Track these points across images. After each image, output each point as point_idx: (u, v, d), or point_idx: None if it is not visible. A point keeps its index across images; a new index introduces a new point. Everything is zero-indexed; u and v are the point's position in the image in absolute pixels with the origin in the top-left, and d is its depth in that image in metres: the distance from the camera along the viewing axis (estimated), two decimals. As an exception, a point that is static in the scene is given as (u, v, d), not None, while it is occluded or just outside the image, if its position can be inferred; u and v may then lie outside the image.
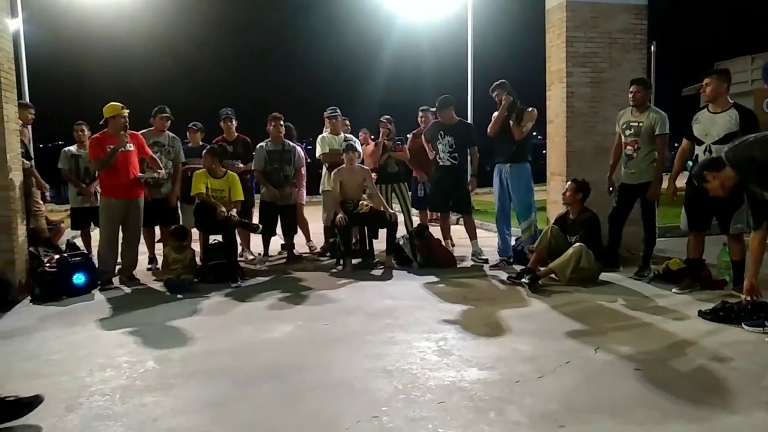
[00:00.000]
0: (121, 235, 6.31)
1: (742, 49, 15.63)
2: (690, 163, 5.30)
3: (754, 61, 14.08)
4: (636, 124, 5.82)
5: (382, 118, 7.88)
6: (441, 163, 7.05)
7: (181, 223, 6.97)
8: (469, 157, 7.25)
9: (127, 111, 6.14)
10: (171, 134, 7.02)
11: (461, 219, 7.81)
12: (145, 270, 6.79)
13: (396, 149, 7.69)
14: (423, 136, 7.55)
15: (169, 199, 6.80)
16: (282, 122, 7.20)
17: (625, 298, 5.12)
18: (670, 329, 4.21)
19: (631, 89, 5.87)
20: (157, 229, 7.17)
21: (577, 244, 5.62)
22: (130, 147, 6.15)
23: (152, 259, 7.05)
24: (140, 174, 6.30)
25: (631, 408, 2.91)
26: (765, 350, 3.72)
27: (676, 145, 5.56)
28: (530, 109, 6.51)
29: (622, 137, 5.93)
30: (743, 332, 4.08)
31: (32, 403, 2.98)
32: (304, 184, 8.03)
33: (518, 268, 6.28)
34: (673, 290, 5.26)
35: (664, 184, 5.87)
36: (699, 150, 5.10)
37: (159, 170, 6.49)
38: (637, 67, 7.11)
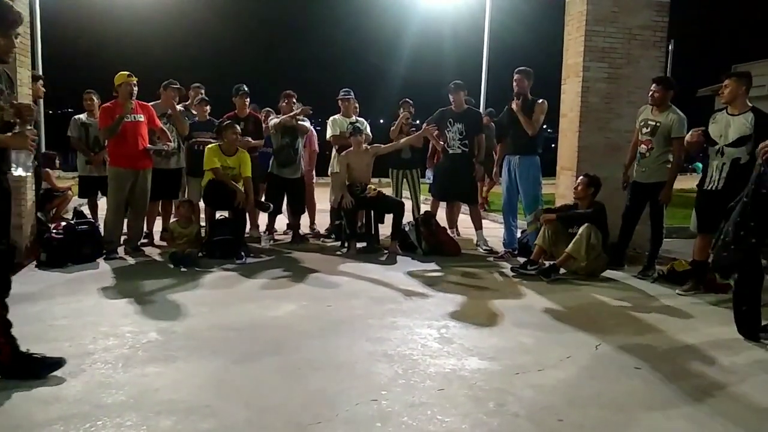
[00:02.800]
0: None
1: (763, 52, 15.39)
2: (699, 165, 5.25)
3: (774, 65, 13.91)
4: (654, 123, 5.76)
5: (403, 100, 7.83)
6: (451, 151, 6.99)
7: (186, 196, 6.98)
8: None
9: (135, 79, 6.12)
10: (180, 107, 7.01)
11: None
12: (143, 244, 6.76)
13: (411, 134, 7.63)
14: (426, 124, 7.34)
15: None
16: (295, 100, 7.19)
17: (629, 297, 5.11)
18: (672, 329, 4.20)
19: (652, 88, 5.77)
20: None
21: (585, 224, 5.68)
22: (140, 117, 6.14)
23: (148, 235, 6.93)
24: (149, 146, 6.29)
25: (631, 405, 2.91)
26: (766, 351, 3.71)
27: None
28: (540, 101, 6.46)
29: (639, 135, 5.88)
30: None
31: (55, 365, 3.05)
32: (313, 163, 8.02)
33: (522, 260, 6.30)
34: (677, 291, 5.25)
35: (678, 185, 5.80)
36: (711, 151, 5.04)
37: (168, 143, 6.48)
38: (656, 64, 7.02)
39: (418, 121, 7.90)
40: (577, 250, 5.62)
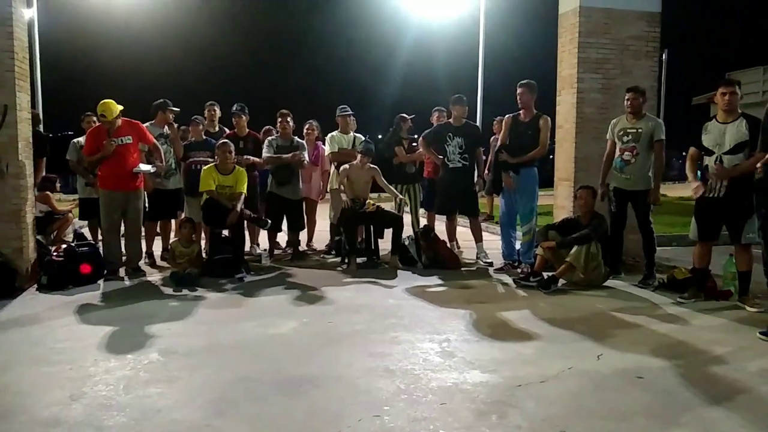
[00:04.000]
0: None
1: (753, 59, 15.55)
2: (699, 173, 5.28)
3: (766, 72, 14.00)
4: (634, 130, 5.85)
5: (402, 115, 7.84)
6: (451, 166, 6.99)
7: (184, 216, 7.01)
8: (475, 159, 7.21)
9: (114, 114, 5.99)
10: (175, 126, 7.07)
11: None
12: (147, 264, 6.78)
13: (413, 150, 7.67)
14: (422, 139, 7.38)
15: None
16: (290, 118, 7.23)
17: (630, 306, 5.11)
18: (673, 338, 4.20)
19: (627, 97, 5.91)
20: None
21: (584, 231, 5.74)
22: (129, 140, 6.11)
23: (149, 255, 6.94)
24: (135, 169, 6.18)
25: (633, 415, 2.91)
26: (769, 362, 3.71)
27: (684, 154, 5.54)
28: (544, 117, 6.46)
29: (618, 144, 5.95)
30: (746, 341, 4.08)
31: None
32: (325, 182, 8.01)
33: (520, 271, 6.33)
34: (678, 299, 5.25)
35: (677, 192, 5.85)
36: (709, 160, 5.07)
37: (159, 163, 6.42)
38: (649, 74, 7.09)
39: (415, 135, 7.92)
40: (576, 259, 5.63)
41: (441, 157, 7.06)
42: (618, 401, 3.08)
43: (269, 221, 6.84)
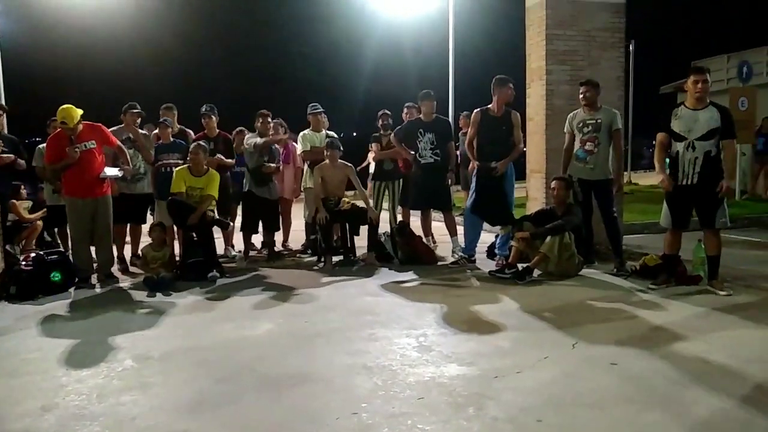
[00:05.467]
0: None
1: (717, 48, 15.88)
2: (667, 160, 5.36)
3: (730, 61, 14.29)
4: (593, 121, 5.99)
5: (381, 112, 7.83)
6: (423, 161, 6.97)
7: (155, 220, 6.91)
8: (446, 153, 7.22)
9: (74, 122, 5.79)
10: (142, 131, 6.94)
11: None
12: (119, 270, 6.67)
13: (391, 145, 7.66)
14: (393, 135, 7.39)
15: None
16: (270, 119, 7.17)
17: (603, 294, 5.19)
18: (646, 324, 4.28)
19: (582, 90, 6.05)
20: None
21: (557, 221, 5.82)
22: (92, 144, 5.96)
23: (120, 260, 6.82)
24: (102, 174, 6.04)
25: (608, 402, 2.95)
26: (741, 344, 3.80)
27: (654, 143, 5.63)
28: (513, 113, 6.49)
29: (579, 136, 6.07)
30: (719, 325, 4.17)
31: None
32: (299, 179, 7.97)
33: (492, 263, 6.42)
34: (650, 285, 5.34)
35: (647, 181, 5.97)
36: (680, 146, 5.12)
37: (126, 166, 6.29)
38: (616, 65, 7.19)
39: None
40: (550, 249, 5.70)
41: (413, 152, 7.07)
42: (593, 389, 3.12)
43: (231, 223, 6.77)
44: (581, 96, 6.06)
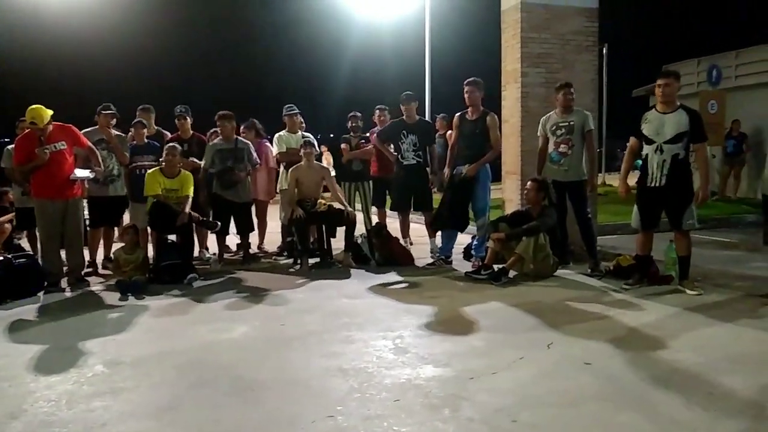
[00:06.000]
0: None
1: (688, 52, 16.16)
2: (639, 162, 5.45)
3: (700, 64, 14.55)
4: (566, 123, 6.07)
5: (352, 114, 7.84)
6: (405, 163, 6.98)
7: (128, 222, 6.80)
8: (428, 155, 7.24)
9: (44, 122, 5.65)
10: (116, 132, 6.82)
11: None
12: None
13: (360, 146, 7.68)
14: (377, 136, 7.40)
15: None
16: (229, 120, 7.04)
17: (578, 294, 5.24)
18: (619, 323, 4.33)
19: (563, 93, 6.09)
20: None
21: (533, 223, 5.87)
22: (62, 145, 5.82)
23: (91, 264, 6.64)
24: (72, 176, 5.91)
25: (582, 402, 2.98)
26: (711, 343, 3.86)
27: (627, 145, 5.72)
28: (490, 115, 6.51)
29: (552, 138, 6.14)
30: (689, 325, 4.24)
31: None
32: (273, 180, 7.92)
33: (469, 264, 6.44)
34: (623, 285, 5.41)
35: (612, 182, 6.09)
36: (649, 149, 5.23)
37: (97, 168, 6.15)
38: (590, 68, 7.28)
39: (367, 134, 7.92)
40: (525, 250, 5.74)
41: (395, 153, 7.08)
42: (568, 388, 3.15)
43: (218, 223, 6.70)
44: (561, 98, 6.10)
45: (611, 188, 16.15)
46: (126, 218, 7.13)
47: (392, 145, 7.17)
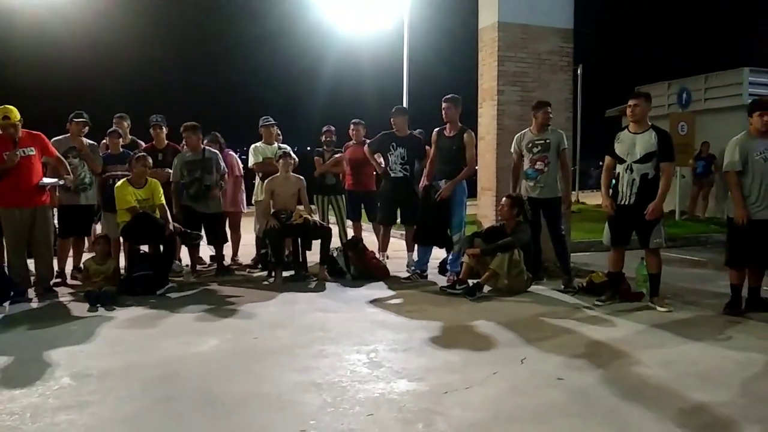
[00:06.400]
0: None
1: (659, 75, 16.59)
2: (613, 181, 5.55)
3: (671, 87, 14.92)
4: (542, 141, 6.16)
5: (326, 128, 7.85)
6: (393, 175, 7.04)
7: (99, 232, 6.68)
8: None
9: (14, 119, 5.56)
10: (89, 141, 6.71)
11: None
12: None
13: (335, 162, 7.69)
14: (367, 147, 7.45)
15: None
16: (195, 131, 6.95)
17: (551, 310, 5.29)
18: (591, 339, 4.38)
19: (543, 110, 6.20)
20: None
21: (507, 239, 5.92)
22: (31, 151, 5.71)
23: (60, 274, 6.46)
24: (42, 181, 5.80)
25: (554, 417, 2.99)
26: (680, 359, 3.92)
27: (600, 164, 5.82)
28: (467, 132, 6.54)
29: (528, 156, 6.22)
30: (659, 341, 4.31)
31: None
32: (242, 192, 7.87)
33: (444, 279, 6.47)
34: (595, 302, 5.47)
35: (594, 200, 6.17)
36: (620, 168, 5.35)
37: (66, 176, 6.04)
38: (564, 87, 7.42)
39: (340, 148, 7.94)
40: (500, 266, 5.78)
41: (383, 166, 7.13)
42: (540, 404, 3.16)
43: (202, 235, 6.62)
44: (542, 116, 6.18)
45: (584, 206, 16.41)
46: (97, 228, 7.01)
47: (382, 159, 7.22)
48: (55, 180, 5.96)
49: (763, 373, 3.66)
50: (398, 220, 7.56)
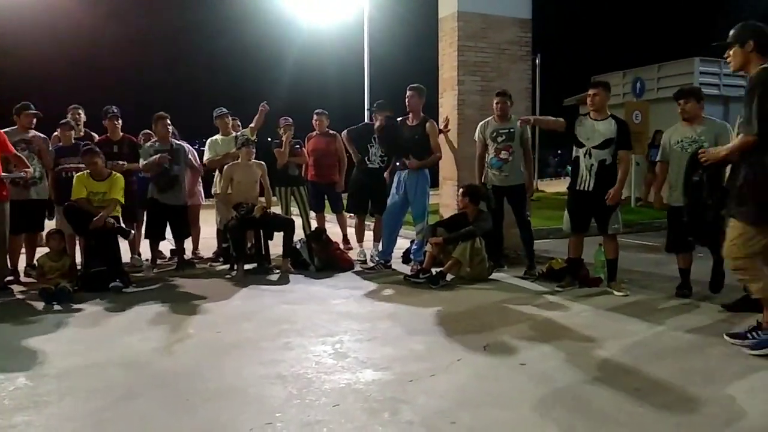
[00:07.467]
0: None
1: (615, 64, 16.93)
2: (569, 167, 5.66)
3: (626, 76, 15.26)
4: (506, 130, 6.26)
5: (283, 119, 7.78)
6: (370, 165, 7.18)
7: (55, 227, 6.47)
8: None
9: None
10: (40, 134, 6.47)
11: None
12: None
13: (296, 153, 7.64)
14: (347, 134, 7.46)
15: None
16: (168, 121, 6.87)
17: (513, 296, 5.38)
18: (552, 324, 4.48)
19: (497, 101, 6.31)
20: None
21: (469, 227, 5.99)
22: None
23: (13, 272, 6.25)
24: (4, 174, 5.63)
25: (517, 402, 3.05)
26: (635, 341, 4.05)
27: (559, 152, 5.93)
28: (429, 122, 6.61)
29: (493, 145, 6.30)
30: (621, 326, 4.43)
31: None
32: (200, 184, 7.76)
33: (408, 268, 6.52)
34: (556, 288, 5.59)
35: (553, 189, 6.26)
36: (580, 152, 5.45)
37: (26, 169, 5.83)
38: (524, 76, 7.50)
39: (299, 141, 7.88)
40: (462, 254, 5.85)
41: (360, 155, 7.21)
42: (504, 389, 3.22)
43: (132, 232, 6.47)
44: (497, 106, 6.29)
45: (543, 194, 16.70)
46: (52, 224, 6.78)
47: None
48: (18, 173, 5.75)
49: (713, 351, 3.81)
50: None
